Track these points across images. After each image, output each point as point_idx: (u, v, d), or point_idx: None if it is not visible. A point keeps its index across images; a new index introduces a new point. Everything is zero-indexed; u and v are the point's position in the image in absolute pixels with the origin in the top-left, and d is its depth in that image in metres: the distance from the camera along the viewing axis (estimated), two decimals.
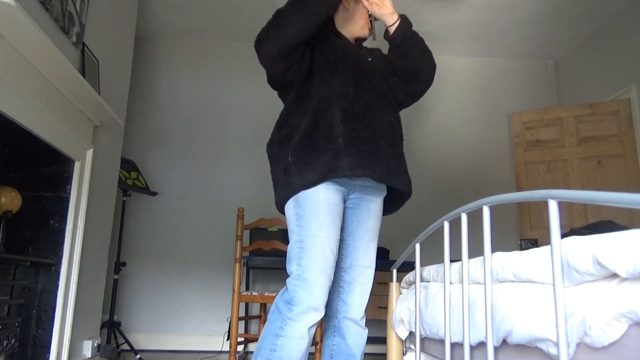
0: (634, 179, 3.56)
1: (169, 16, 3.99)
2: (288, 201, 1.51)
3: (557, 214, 0.80)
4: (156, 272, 3.87)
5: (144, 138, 4.09)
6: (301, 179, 1.46)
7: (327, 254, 1.45)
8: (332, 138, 1.48)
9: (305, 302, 1.39)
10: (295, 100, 1.58)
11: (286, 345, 1.37)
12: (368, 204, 1.65)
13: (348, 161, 1.46)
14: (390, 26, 1.67)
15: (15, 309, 2.28)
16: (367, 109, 1.57)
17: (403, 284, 1.84)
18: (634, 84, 3.57)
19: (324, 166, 1.45)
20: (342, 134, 1.48)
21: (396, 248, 3.88)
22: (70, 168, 2.44)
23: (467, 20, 3.92)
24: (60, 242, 2.38)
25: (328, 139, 1.48)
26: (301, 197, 1.47)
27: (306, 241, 1.45)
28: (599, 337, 0.75)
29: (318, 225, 1.45)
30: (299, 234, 1.46)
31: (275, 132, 1.62)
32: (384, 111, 1.62)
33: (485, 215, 1.02)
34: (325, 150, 1.47)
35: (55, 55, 1.95)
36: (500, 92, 4.50)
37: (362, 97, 1.58)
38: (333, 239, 1.47)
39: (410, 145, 4.34)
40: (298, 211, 1.48)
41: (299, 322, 1.38)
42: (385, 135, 1.57)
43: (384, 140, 1.56)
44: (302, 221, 1.47)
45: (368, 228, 1.67)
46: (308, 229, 1.45)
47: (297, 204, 1.48)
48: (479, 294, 1.11)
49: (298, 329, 1.38)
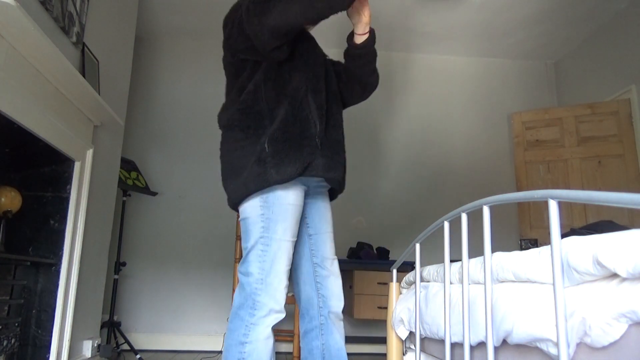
0: (634, 179, 3.56)
1: (169, 16, 4.00)
2: (252, 197, 1.43)
3: (557, 214, 0.80)
4: (156, 272, 3.87)
5: (144, 138, 4.09)
6: (278, 172, 1.40)
7: (290, 257, 1.44)
8: (309, 135, 1.45)
9: (267, 306, 1.38)
10: (265, 82, 1.48)
11: (254, 350, 1.35)
12: (323, 196, 1.66)
13: (323, 162, 1.46)
14: (360, 35, 1.60)
15: (15, 309, 2.28)
16: (331, 109, 1.57)
17: (403, 284, 1.84)
18: (634, 84, 3.57)
19: (301, 162, 1.42)
20: (318, 133, 1.47)
21: (396, 248, 3.89)
22: (70, 168, 2.44)
23: (467, 20, 3.92)
24: (60, 242, 2.38)
25: (305, 135, 1.45)
26: (271, 198, 1.43)
27: (271, 244, 1.41)
28: (599, 337, 0.75)
29: (285, 228, 1.42)
30: (263, 236, 1.41)
31: (236, 113, 1.50)
32: (339, 113, 1.63)
33: (485, 215, 1.02)
34: (303, 146, 1.43)
35: (55, 55, 1.95)
36: (500, 92, 4.50)
37: (328, 96, 1.57)
38: (292, 242, 1.46)
39: (410, 145, 4.35)
40: (265, 212, 1.42)
41: (261, 326, 1.37)
42: (341, 138, 1.60)
43: (341, 143, 1.60)
44: (269, 223, 1.42)
45: (328, 220, 1.65)
46: (274, 232, 1.41)
47: (265, 204, 1.42)
48: (479, 294, 1.11)
49: (262, 331, 1.37)
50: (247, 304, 1.39)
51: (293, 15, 1.33)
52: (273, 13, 1.33)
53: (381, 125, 4.31)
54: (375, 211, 4.14)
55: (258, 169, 1.41)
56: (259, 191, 1.42)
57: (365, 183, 4.14)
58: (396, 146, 4.32)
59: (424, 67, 4.51)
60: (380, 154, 4.26)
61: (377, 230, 4.07)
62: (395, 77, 4.44)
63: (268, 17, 1.33)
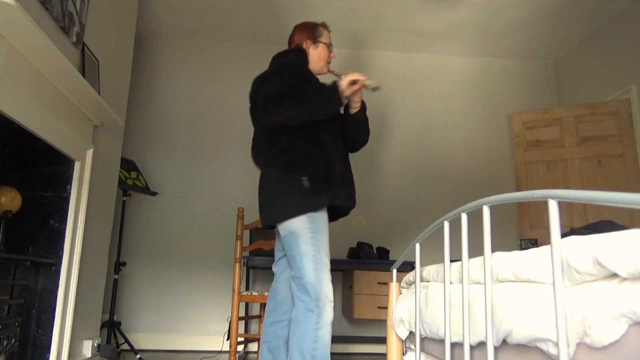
0: (634, 179, 3.56)
1: (169, 16, 3.99)
2: (298, 217, 1.81)
3: (557, 214, 0.80)
4: (156, 272, 3.87)
5: (144, 138, 4.09)
6: (314, 202, 1.82)
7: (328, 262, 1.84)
8: (334, 174, 1.89)
9: (328, 297, 1.77)
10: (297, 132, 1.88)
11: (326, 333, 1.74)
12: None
13: (344, 194, 1.91)
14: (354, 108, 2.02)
15: (15, 309, 2.28)
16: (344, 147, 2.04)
17: (403, 284, 1.84)
18: (634, 84, 3.57)
19: (330, 195, 1.85)
20: (339, 171, 1.91)
21: (396, 248, 3.89)
22: (70, 168, 2.44)
23: (467, 20, 3.92)
24: (60, 242, 2.38)
25: (331, 173, 1.88)
26: (315, 216, 1.82)
27: (321, 251, 1.81)
28: (599, 337, 0.75)
29: (325, 238, 1.84)
30: (315, 244, 1.80)
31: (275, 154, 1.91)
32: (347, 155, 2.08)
33: (485, 215, 1.02)
34: (330, 183, 1.87)
35: (55, 55, 1.95)
36: (500, 92, 4.50)
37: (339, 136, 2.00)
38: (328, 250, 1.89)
39: (410, 145, 4.35)
40: (312, 226, 1.81)
41: (325, 313, 1.75)
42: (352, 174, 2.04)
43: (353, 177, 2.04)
44: (316, 234, 1.81)
45: None
46: (321, 241, 1.82)
47: (312, 220, 1.81)
48: (479, 293, 1.11)
49: (327, 317, 1.75)
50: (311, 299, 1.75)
51: (292, 118, 1.81)
52: (277, 115, 1.81)
53: (381, 125, 4.31)
54: (375, 211, 4.14)
55: (299, 199, 1.81)
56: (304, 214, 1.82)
57: (365, 183, 4.14)
58: (396, 146, 4.32)
59: (424, 67, 4.51)
60: (380, 154, 4.26)
61: (377, 230, 4.07)
62: (395, 77, 4.44)
63: (273, 116, 1.82)
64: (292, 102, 1.76)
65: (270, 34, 4.10)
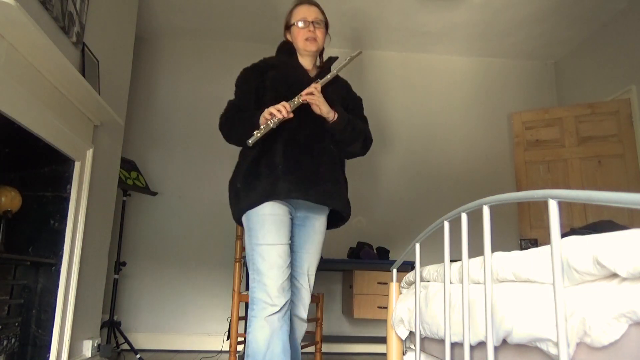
0: (634, 179, 3.56)
1: (169, 16, 3.99)
2: (242, 219, 1.80)
3: (557, 214, 0.80)
4: (156, 272, 3.86)
5: (144, 138, 4.09)
6: (246, 200, 1.77)
7: (273, 257, 1.69)
8: (273, 167, 1.76)
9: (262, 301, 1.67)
10: None
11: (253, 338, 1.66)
12: (313, 221, 1.89)
13: (285, 186, 1.72)
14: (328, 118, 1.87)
15: (15, 309, 2.28)
16: (310, 138, 1.83)
17: (403, 283, 1.84)
18: (634, 84, 3.56)
19: (263, 191, 1.74)
20: (281, 163, 1.75)
21: (396, 248, 3.88)
22: (70, 168, 2.44)
23: (467, 20, 3.92)
24: (60, 242, 2.38)
25: (269, 167, 1.76)
26: (250, 213, 1.76)
27: (255, 249, 1.71)
28: (599, 337, 0.75)
29: (264, 234, 1.71)
30: (250, 243, 1.74)
31: None
32: (326, 140, 1.86)
33: (486, 215, 1.02)
34: (267, 176, 1.75)
35: (55, 55, 1.95)
36: (500, 92, 4.50)
37: (306, 128, 1.82)
38: (279, 245, 1.71)
39: (410, 145, 4.35)
40: (248, 224, 1.76)
41: (258, 318, 1.66)
42: (325, 162, 1.83)
43: (324, 166, 1.82)
44: (251, 232, 1.74)
45: (314, 242, 1.91)
46: (256, 239, 1.72)
47: (248, 219, 1.77)
48: (479, 293, 1.11)
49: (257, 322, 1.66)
50: (250, 301, 1.71)
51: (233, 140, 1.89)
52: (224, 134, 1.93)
53: (381, 125, 4.31)
54: (375, 211, 4.13)
55: (235, 201, 1.83)
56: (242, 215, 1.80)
57: (365, 183, 4.14)
58: (396, 146, 4.31)
59: (424, 67, 4.51)
60: (380, 154, 4.26)
61: (377, 230, 4.06)
62: (395, 77, 4.44)
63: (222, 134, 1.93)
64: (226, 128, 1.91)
65: (270, 34, 4.10)
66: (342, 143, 1.91)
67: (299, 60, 1.99)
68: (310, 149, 1.81)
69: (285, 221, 1.77)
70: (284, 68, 1.95)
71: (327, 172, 1.82)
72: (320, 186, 1.78)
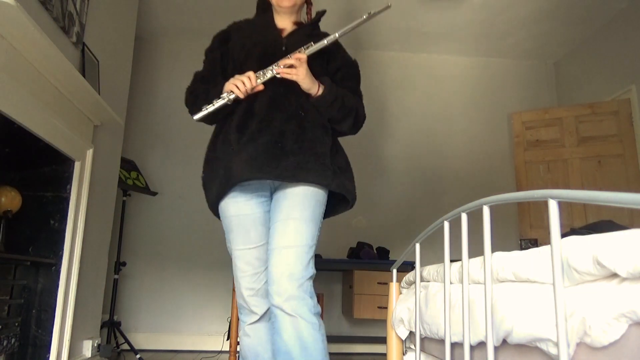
0: (634, 179, 3.56)
1: (169, 16, 3.99)
2: None
3: (557, 214, 0.80)
4: (156, 272, 3.86)
5: (144, 138, 4.09)
6: (209, 197, 1.60)
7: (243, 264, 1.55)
8: (227, 146, 1.50)
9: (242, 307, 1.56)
10: None
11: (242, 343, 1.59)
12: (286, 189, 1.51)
13: (239, 167, 1.44)
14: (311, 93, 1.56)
15: (15, 309, 2.28)
16: (270, 105, 1.50)
17: (403, 283, 1.84)
18: (634, 84, 3.56)
19: (220, 182, 1.51)
20: (235, 140, 1.48)
21: (396, 248, 3.88)
22: (70, 168, 2.44)
23: (467, 20, 3.91)
24: (60, 242, 2.38)
25: (224, 148, 1.51)
26: (220, 213, 1.58)
27: (232, 253, 1.59)
28: (599, 337, 0.75)
29: (233, 238, 1.56)
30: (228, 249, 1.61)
31: None
32: (293, 105, 1.51)
33: (486, 215, 1.02)
34: (223, 160, 1.51)
35: (55, 55, 1.95)
36: (500, 92, 4.50)
37: (266, 94, 1.51)
38: (249, 249, 1.54)
39: (410, 145, 4.35)
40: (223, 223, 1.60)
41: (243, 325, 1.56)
42: (292, 131, 1.47)
43: (290, 136, 1.47)
44: (226, 234, 1.61)
45: (282, 208, 1.49)
46: (229, 242, 1.59)
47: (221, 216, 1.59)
48: (479, 293, 1.11)
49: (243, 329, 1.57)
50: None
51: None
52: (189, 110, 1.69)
53: (381, 125, 4.31)
54: (376, 211, 4.13)
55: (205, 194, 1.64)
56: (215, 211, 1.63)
57: (365, 183, 4.14)
58: (396, 146, 4.31)
59: (424, 67, 4.51)
60: (380, 154, 4.26)
61: (377, 230, 4.06)
62: (395, 77, 4.44)
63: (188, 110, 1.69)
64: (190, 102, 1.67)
65: None
66: (334, 119, 1.60)
67: (275, 19, 1.67)
68: (271, 116, 1.48)
69: (256, 219, 1.54)
70: (250, 30, 1.66)
71: (296, 142, 1.47)
72: (284, 161, 1.44)
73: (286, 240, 1.44)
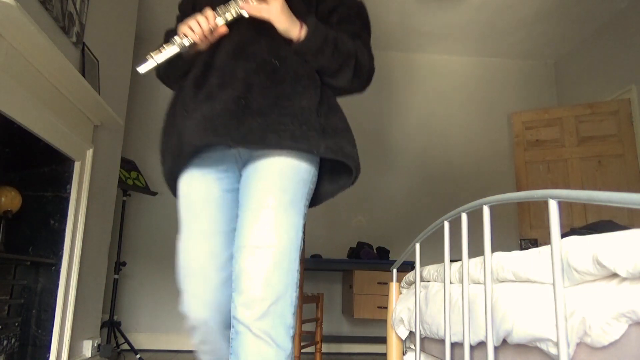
0: (634, 179, 3.56)
1: (169, 16, 3.99)
2: None
3: (557, 214, 0.80)
4: (156, 272, 3.86)
5: (144, 138, 4.09)
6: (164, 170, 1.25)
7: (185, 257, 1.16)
8: (182, 108, 1.17)
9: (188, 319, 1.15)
10: None
11: None
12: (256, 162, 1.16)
13: (190, 131, 1.11)
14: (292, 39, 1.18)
15: (15, 309, 2.28)
16: (235, 53, 1.16)
17: (403, 283, 1.84)
18: (634, 84, 3.57)
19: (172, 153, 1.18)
20: (191, 99, 1.16)
21: (396, 248, 3.89)
22: (70, 168, 2.44)
23: (467, 20, 3.92)
24: (60, 242, 2.38)
25: (180, 111, 1.18)
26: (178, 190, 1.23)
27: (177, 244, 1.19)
28: (599, 336, 0.75)
29: (181, 225, 1.19)
30: None
31: None
32: (264, 51, 1.17)
33: (486, 215, 1.02)
34: (178, 125, 1.17)
35: (55, 55, 1.95)
36: (500, 92, 4.50)
37: (231, 39, 1.18)
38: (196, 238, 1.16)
39: (410, 145, 4.35)
40: None
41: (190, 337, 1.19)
42: (261, 84, 1.13)
43: (258, 90, 1.13)
44: None
45: (253, 190, 1.13)
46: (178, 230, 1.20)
47: None
48: (479, 293, 1.11)
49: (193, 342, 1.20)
50: None
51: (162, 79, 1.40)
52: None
53: (381, 125, 4.31)
54: (376, 211, 4.13)
55: None
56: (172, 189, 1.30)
57: (365, 183, 4.14)
58: (396, 146, 4.31)
59: (424, 67, 4.51)
60: (380, 154, 4.26)
61: (377, 230, 4.07)
62: (395, 77, 4.44)
63: None
64: None
65: None
66: (321, 73, 1.22)
67: None
68: (235, 67, 1.15)
69: (211, 199, 1.18)
70: None
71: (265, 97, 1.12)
72: (248, 121, 1.09)
73: (259, 238, 1.07)
